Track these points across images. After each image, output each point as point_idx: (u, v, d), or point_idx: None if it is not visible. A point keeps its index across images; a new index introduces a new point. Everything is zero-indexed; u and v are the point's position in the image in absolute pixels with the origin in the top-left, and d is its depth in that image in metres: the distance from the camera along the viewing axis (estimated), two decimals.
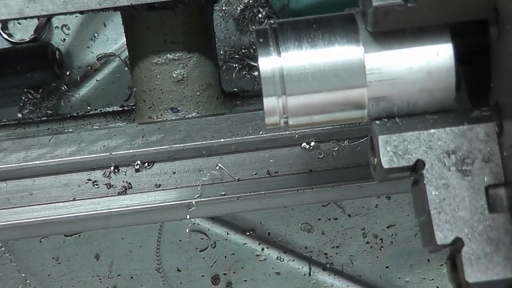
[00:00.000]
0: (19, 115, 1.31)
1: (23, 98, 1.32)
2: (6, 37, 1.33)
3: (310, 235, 1.38)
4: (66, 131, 1.10)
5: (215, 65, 1.10)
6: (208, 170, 1.06)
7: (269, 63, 0.71)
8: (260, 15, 1.32)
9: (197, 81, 1.07)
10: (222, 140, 1.04)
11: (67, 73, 1.35)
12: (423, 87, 0.71)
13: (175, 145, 1.04)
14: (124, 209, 1.06)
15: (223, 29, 1.35)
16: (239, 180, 1.06)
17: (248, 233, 1.38)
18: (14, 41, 1.33)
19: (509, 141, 0.67)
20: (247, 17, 1.33)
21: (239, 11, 1.33)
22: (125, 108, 1.15)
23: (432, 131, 0.70)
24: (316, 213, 1.37)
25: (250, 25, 1.34)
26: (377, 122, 0.73)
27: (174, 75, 1.06)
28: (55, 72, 1.29)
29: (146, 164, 1.06)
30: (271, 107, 0.72)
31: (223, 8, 1.34)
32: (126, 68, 1.35)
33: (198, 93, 1.08)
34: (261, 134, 1.04)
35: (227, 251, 1.39)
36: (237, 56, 1.35)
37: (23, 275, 1.40)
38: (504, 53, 0.66)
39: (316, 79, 0.71)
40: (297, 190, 1.06)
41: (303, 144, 1.05)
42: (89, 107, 1.34)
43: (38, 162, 1.04)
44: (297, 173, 1.06)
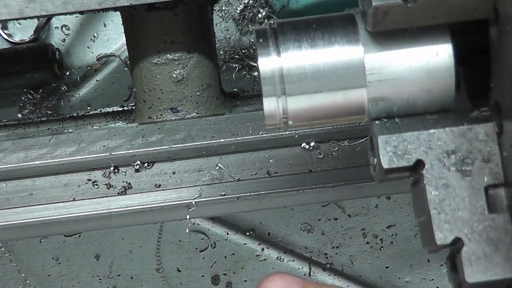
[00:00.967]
0: (19, 115, 1.30)
1: (23, 98, 1.32)
2: (6, 37, 1.33)
3: (310, 235, 1.38)
4: (66, 131, 1.10)
5: (215, 65, 1.10)
6: (208, 170, 1.06)
7: (269, 63, 0.71)
8: (260, 15, 1.32)
9: (197, 81, 1.07)
10: (222, 140, 1.04)
11: (67, 73, 1.35)
12: (423, 87, 0.71)
13: (175, 145, 1.04)
14: (124, 209, 1.06)
15: (223, 29, 1.35)
16: (239, 180, 1.06)
17: (248, 233, 1.38)
18: (14, 41, 1.33)
19: (509, 141, 0.67)
20: (247, 17, 1.33)
21: (239, 11, 1.33)
22: (125, 108, 1.15)
23: (432, 131, 0.70)
24: (316, 213, 1.37)
25: (250, 25, 1.33)
26: (377, 122, 0.72)
27: (174, 75, 1.06)
28: (55, 72, 1.29)
29: (146, 164, 1.06)
30: (271, 108, 0.72)
31: (223, 8, 1.34)
32: (126, 68, 1.35)
33: (198, 93, 1.08)
34: (261, 134, 1.04)
35: (227, 251, 1.39)
36: (237, 57, 1.35)
37: (23, 275, 1.40)
38: (504, 53, 0.66)
39: (316, 79, 0.71)
40: (297, 190, 1.06)
41: (303, 144, 1.05)
42: (89, 107, 1.34)
43: (38, 162, 1.04)
44: (297, 173, 1.05)
